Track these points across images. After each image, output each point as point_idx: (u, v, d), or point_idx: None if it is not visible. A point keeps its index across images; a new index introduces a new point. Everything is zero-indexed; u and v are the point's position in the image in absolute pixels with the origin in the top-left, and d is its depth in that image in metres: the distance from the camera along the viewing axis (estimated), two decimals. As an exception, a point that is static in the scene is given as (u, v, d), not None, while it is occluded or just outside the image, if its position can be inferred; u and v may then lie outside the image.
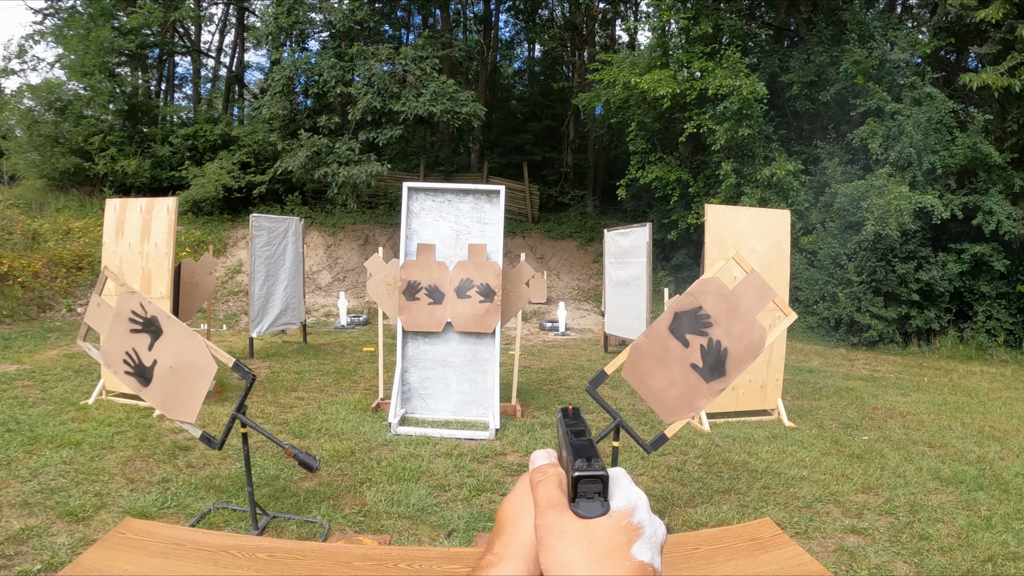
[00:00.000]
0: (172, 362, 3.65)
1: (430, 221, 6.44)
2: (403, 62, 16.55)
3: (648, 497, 2.33)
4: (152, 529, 1.74)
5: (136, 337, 3.71)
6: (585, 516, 0.55)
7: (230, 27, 25.56)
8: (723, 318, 3.61)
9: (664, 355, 3.60)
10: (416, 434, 5.73)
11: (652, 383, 3.62)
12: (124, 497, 4.15)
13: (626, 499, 0.57)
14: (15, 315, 10.97)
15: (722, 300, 3.63)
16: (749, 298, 3.65)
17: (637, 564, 0.53)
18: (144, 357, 3.69)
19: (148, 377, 3.68)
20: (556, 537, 0.54)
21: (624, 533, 0.54)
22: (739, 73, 13.27)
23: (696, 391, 3.59)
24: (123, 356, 3.73)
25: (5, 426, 5.53)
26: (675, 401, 3.61)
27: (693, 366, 3.59)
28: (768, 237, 6.59)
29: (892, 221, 11.44)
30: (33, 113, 17.76)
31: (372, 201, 18.89)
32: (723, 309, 3.62)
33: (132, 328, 3.72)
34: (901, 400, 7.76)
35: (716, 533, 1.78)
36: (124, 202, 6.94)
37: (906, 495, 4.52)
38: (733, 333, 3.61)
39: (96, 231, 14.45)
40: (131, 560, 1.57)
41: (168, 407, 3.65)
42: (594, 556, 0.52)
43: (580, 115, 22.62)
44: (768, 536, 1.71)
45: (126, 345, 3.73)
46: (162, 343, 3.67)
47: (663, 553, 0.56)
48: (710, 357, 3.59)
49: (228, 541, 1.69)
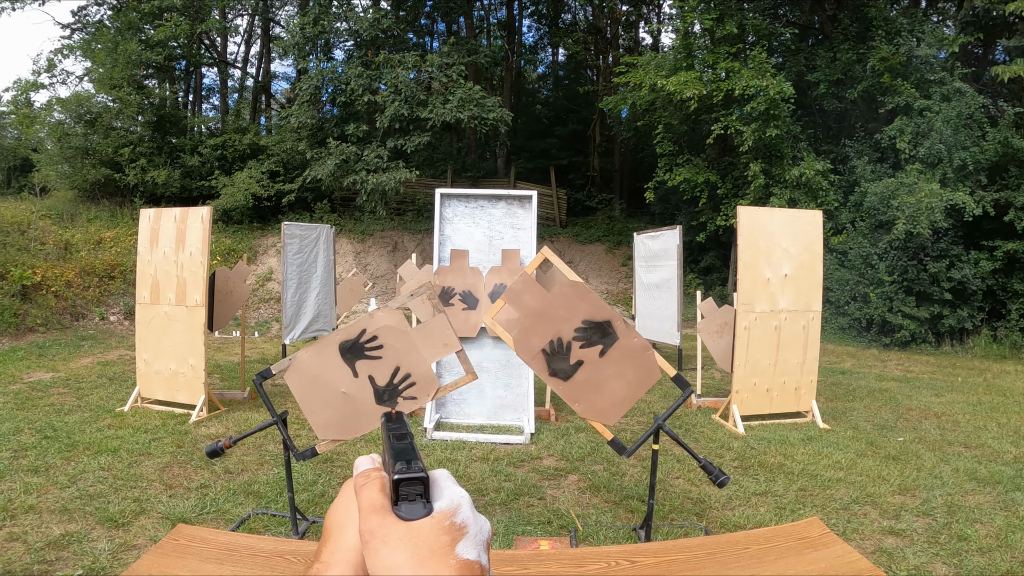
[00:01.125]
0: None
1: (463, 227, 6.52)
2: (429, 69, 16.68)
3: (684, 499, 2.41)
4: (205, 536, 1.75)
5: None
6: (408, 518, 0.55)
7: (256, 38, 25.91)
8: (553, 326, 3.60)
9: (593, 380, 3.57)
10: (452, 439, 5.81)
11: (618, 393, 3.60)
12: (163, 503, 4.22)
13: (449, 499, 0.57)
14: (49, 324, 11.20)
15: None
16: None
17: (463, 563, 0.53)
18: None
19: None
20: (380, 541, 0.54)
21: (448, 533, 0.54)
22: (765, 73, 13.22)
23: (628, 345, 3.59)
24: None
25: (42, 433, 5.63)
26: (636, 370, 3.59)
27: (601, 353, 3.58)
28: (800, 238, 6.58)
29: (923, 219, 11.35)
30: (63, 126, 18.10)
31: (400, 208, 19.03)
32: (542, 329, 3.57)
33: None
34: (935, 401, 7.71)
35: (765, 533, 1.83)
36: (158, 212, 7.03)
37: (943, 496, 4.52)
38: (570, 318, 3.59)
39: (127, 241, 14.70)
40: (185, 566, 1.57)
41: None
42: (419, 558, 0.52)
43: (606, 119, 22.61)
44: (817, 535, 1.76)
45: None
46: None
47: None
48: (592, 335, 3.59)
49: (282, 547, 1.70)
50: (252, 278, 15.48)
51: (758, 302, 6.40)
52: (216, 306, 7.69)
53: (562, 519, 4.13)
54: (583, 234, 19.07)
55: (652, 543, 2.13)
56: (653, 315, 10.09)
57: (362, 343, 3.26)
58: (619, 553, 1.70)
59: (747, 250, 6.42)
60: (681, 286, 9.24)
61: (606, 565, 1.64)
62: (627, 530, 3.94)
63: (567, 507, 4.32)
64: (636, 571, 1.62)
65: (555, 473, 5.02)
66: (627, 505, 4.37)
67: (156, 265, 6.85)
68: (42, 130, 19.03)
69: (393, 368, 3.27)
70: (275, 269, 15.60)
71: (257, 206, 17.59)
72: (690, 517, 4.17)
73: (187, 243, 6.74)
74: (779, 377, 6.50)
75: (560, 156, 22.65)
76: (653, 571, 1.61)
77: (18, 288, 10.97)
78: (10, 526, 3.80)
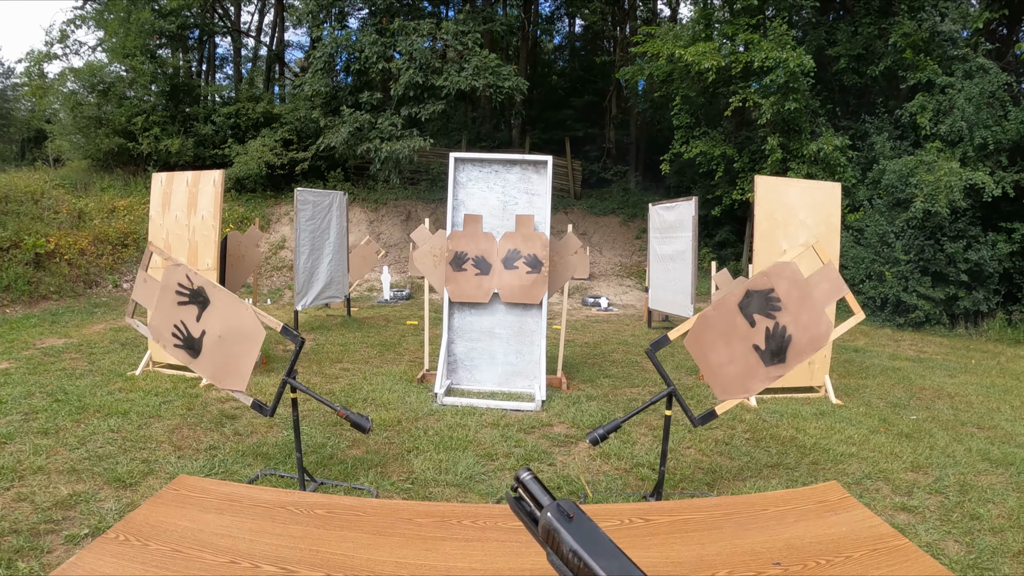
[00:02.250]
0: (220, 331, 3.72)
1: (477, 192, 6.46)
2: (444, 37, 16.53)
3: (696, 469, 2.38)
4: (207, 486, 1.73)
5: (184, 309, 3.79)
6: None
7: (269, 7, 25.72)
8: (793, 304, 3.59)
9: (729, 331, 3.60)
10: (462, 405, 5.80)
11: (712, 356, 3.62)
12: (171, 464, 4.24)
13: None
14: (62, 291, 11.24)
15: (795, 287, 3.61)
16: (821, 289, 3.63)
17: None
18: (192, 328, 3.77)
19: (197, 348, 3.75)
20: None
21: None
22: (785, 45, 13.00)
23: (754, 372, 3.59)
24: (171, 329, 3.81)
25: (53, 396, 5.65)
26: (731, 379, 3.60)
27: (755, 347, 3.58)
28: (818, 210, 6.48)
29: (941, 198, 11.18)
30: (76, 96, 18.09)
31: (414, 177, 18.96)
32: (795, 296, 3.60)
33: (179, 300, 3.80)
34: (949, 381, 7.64)
35: (784, 495, 1.79)
36: (170, 176, 7.00)
37: (956, 475, 4.47)
38: (800, 321, 3.59)
39: (140, 209, 14.74)
40: (185, 516, 1.56)
41: (218, 377, 3.72)
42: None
43: (622, 90, 22.42)
44: (836, 499, 1.72)
45: (174, 318, 3.81)
46: (210, 313, 3.74)
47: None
48: (773, 341, 3.58)
49: (285, 498, 1.68)
50: (264, 244, 15.49)
51: (774, 275, 6.33)
52: (228, 270, 7.68)
53: (572, 485, 4.12)
54: (598, 206, 18.97)
55: (667, 502, 2.10)
56: (667, 287, 10.03)
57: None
58: (632, 511, 1.66)
59: (764, 221, 6.34)
60: (696, 258, 9.17)
61: (619, 523, 1.61)
62: (637, 497, 3.92)
63: (577, 473, 4.30)
64: (650, 529, 1.58)
65: (565, 440, 5.00)
66: (637, 473, 4.35)
67: (168, 229, 6.83)
68: (55, 101, 19.01)
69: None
70: (288, 237, 15.61)
71: (270, 174, 17.55)
72: (701, 487, 4.14)
73: (199, 207, 6.72)
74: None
75: (576, 127, 22.48)
76: (668, 529, 1.58)
77: (31, 256, 11.01)
78: (18, 486, 3.81)
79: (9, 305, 10.12)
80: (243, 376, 3.68)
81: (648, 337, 9.92)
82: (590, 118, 23.40)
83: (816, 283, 3.63)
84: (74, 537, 3.26)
